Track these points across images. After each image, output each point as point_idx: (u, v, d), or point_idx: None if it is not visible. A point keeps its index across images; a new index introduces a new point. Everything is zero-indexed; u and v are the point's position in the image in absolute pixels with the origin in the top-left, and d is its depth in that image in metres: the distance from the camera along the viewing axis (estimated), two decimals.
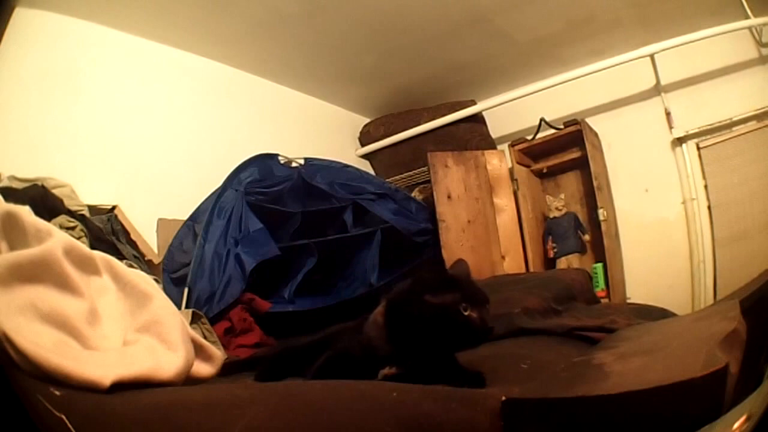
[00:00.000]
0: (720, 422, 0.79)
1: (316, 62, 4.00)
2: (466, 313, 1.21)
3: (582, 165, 4.05)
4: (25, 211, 1.11)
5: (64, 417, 0.80)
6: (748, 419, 0.81)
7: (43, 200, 2.33)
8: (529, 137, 4.24)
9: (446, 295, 1.22)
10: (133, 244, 2.74)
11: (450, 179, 3.98)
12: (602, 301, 3.50)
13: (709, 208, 3.67)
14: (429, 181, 4.02)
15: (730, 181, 3.58)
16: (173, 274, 2.76)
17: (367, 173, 4.16)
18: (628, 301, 3.72)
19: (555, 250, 4.06)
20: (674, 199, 3.85)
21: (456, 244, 3.82)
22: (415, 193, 4.27)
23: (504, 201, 4.14)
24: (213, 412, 0.85)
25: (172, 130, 3.37)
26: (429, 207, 3.95)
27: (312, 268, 2.98)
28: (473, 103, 4.45)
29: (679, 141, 3.85)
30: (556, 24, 3.76)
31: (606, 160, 4.13)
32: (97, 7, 2.96)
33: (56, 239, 1.09)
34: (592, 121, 4.08)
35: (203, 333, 2.29)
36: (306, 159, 3.54)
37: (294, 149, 3.60)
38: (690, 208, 3.75)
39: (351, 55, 3.93)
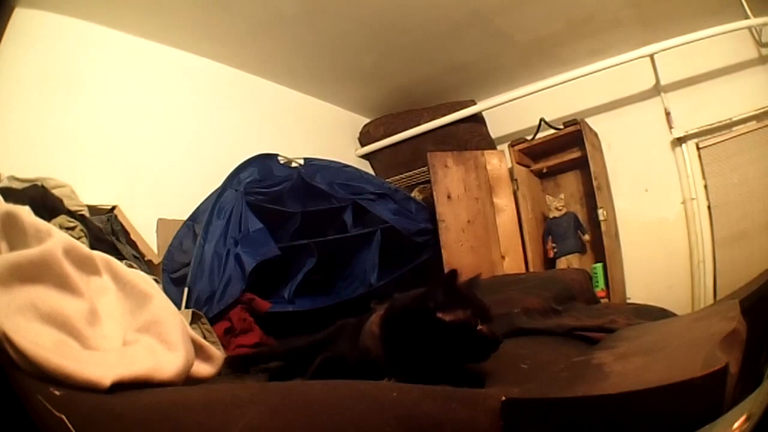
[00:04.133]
0: (720, 422, 0.79)
1: (316, 62, 4.00)
2: (478, 329, 1.22)
3: (582, 165, 4.05)
4: (24, 212, 1.11)
5: (64, 417, 0.80)
6: (748, 419, 0.81)
7: (43, 200, 2.33)
8: (529, 137, 4.24)
9: (458, 311, 1.22)
10: (133, 245, 2.74)
11: (450, 179, 3.98)
12: (602, 301, 3.50)
13: (708, 208, 3.67)
14: (429, 181, 4.02)
15: (729, 181, 3.58)
16: (173, 274, 2.76)
17: (367, 173, 4.16)
18: (628, 301, 3.71)
19: (555, 250, 4.06)
20: (674, 199, 3.85)
21: (456, 244, 3.82)
22: (415, 193, 4.27)
23: (504, 201, 4.14)
24: (213, 412, 0.85)
25: (172, 130, 3.37)
26: (429, 207, 3.95)
27: (312, 268, 2.98)
28: (473, 103, 4.45)
29: (679, 141, 3.85)
30: (555, 24, 3.76)
31: (606, 160, 4.12)
32: (97, 7, 2.96)
33: (56, 239, 1.09)
34: (591, 121, 4.08)
35: (203, 333, 2.29)
36: (306, 159, 3.54)
37: (294, 149, 3.60)
38: (690, 208, 3.75)
39: (351, 55, 3.93)
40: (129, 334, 1.12)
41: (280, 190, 3.21)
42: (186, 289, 2.57)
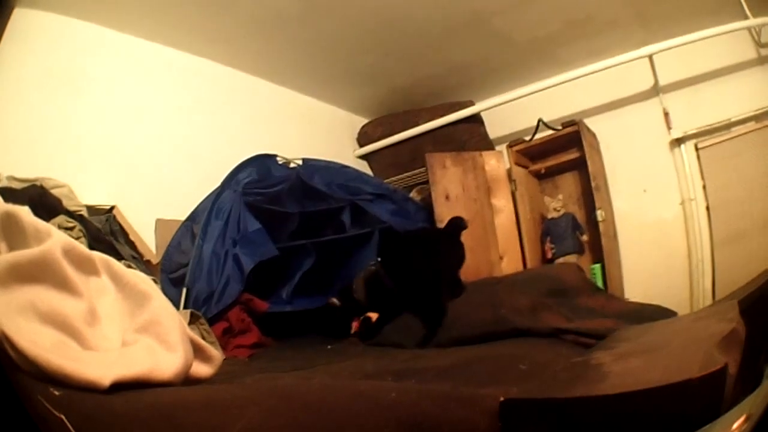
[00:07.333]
0: (719, 422, 0.79)
1: (315, 63, 4.00)
2: None
3: (580, 165, 4.05)
4: (24, 212, 1.11)
5: (63, 417, 0.80)
6: (747, 419, 0.81)
7: (42, 200, 2.33)
8: (527, 138, 4.23)
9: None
10: (132, 245, 2.74)
11: (448, 180, 3.98)
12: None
13: (707, 208, 3.67)
14: (427, 182, 4.02)
15: (728, 182, 3.58)
16: (171, 275, 2.76)
17: (366, 174, 4.17)
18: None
19: (553, 250, 4.06)
20: (672, 199, 3.85)
21: None
22: (414, 194, 4.28)
23: (502, 202, 4.13)
24: (212, 412, 0.85)
25: (170, 130, 3.37)
26: (427, 207, 3.95)
27: (310, 268, 2.99)
28: (471, 103, 4.46)
29: (678, 141, 3.85)
30: (554, 24, 3.76)
31: (604, 161, 4.13)
32: (97, 8, 2.96)
33: (55, 239, 1.09)
34: (590, 122, 4.09)
35: (201, 333, 2.30)
36: (304, 159, 3.54)
37: (292, 150, 3.60)
38: (688, 208, 3.75)
39: (349, 55, 3.93)
40: (128, 334, 1.12)
41: (279, 190, 3.21)
42: (184, 290, 2.57)
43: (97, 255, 1.23)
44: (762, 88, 3.54)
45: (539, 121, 4.19)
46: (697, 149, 3.78)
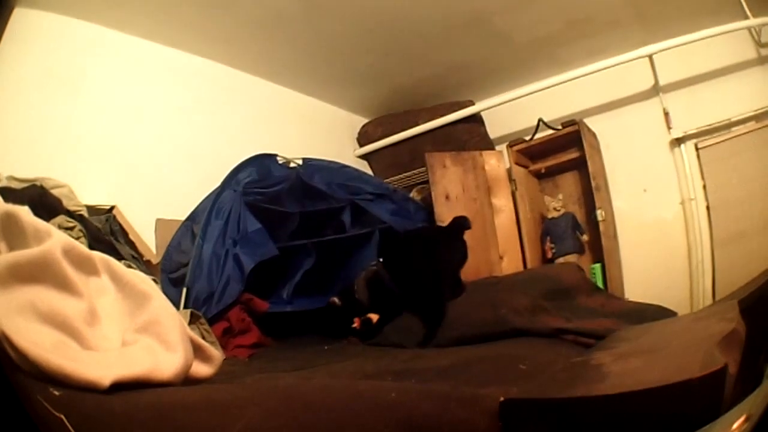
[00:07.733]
0: (719, 422, 0.79)
1: (315, 62, 3.99)
2: None
3: (580, 165, 4.05)
4: (24, 212, 1.11)
5: (63, 417, 0.80)
6: (747, 419, 0.81)
7: (42, 200, 2.33)
8: (528, 138, 4.23)
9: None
10: (132, 245, 2.74)
11: (448, 180, 3.98)
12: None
13: (707, 208, 3.66)
14: (427, 182, 4.02)
15: (728, 182, 3.57)
16: (171, 275, 2.76)
17: (366, 174, 4.17)
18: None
19: (553, 250, 4.05)
20: (673, 199, 3.85)
21: None
22: (414, 194, 4.27)
23: (502, 201, 4.13)
24: (213, 412, 0.85)
25: (170, 130, 3.37)
26: (427, 207, 3.95)
27: (310, 268, 2.98)
28: (471, 103, 4.45)
29: (678, 141, 3.85)
30: (554, 24, 3.75)
31: (604, 161, 4.12)
32: (97, 8, 2.96)
33: (55, 239, 1.09)
34: (590, 122, 4.08)
35: (201, 333, 2.29)
36: (304, 159, 3.53)
37: (292, 149, 3.60)
38: (688, 208, 3.75)
39: (349, 55, 3.93)
40: (128, 334, 1.12)
41: (279, 190, 3.21)
42: (184, 290, 2.57)
43: (97, 255, 1.22)
44: (762, 88, 3.54)
45: (539, 120, 4.19)
46: (697, 149, 3.78)
